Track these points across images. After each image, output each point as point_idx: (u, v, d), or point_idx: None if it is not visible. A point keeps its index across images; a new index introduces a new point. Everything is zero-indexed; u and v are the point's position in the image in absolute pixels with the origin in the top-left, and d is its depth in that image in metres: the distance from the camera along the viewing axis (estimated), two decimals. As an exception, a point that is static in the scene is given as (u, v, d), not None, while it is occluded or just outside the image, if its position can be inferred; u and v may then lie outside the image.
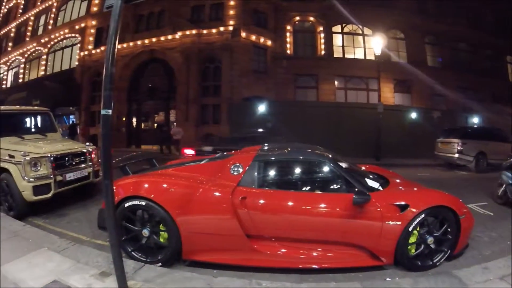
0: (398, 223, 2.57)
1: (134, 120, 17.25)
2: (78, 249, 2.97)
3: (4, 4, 25.97)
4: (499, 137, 9.43)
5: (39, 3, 22.05)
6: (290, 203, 2.73)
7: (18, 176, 4.19)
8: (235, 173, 2.89)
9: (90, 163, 5.09)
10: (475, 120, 13.74)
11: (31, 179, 4.20)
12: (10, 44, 23.82)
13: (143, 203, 2.75)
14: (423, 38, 16.65)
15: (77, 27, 18.50)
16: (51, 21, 20.48)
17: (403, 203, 2.62)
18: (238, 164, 2.94)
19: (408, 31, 16.25)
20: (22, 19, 23.14)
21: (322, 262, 2.69)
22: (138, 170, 3.72)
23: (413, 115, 12.59)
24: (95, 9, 18.06)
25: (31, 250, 2.89)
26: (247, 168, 2.90)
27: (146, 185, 2.89)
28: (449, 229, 2.76)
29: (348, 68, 15.27)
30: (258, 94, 13.88)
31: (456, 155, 8.95)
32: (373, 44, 12.65)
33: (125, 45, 15.84)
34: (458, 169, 9.26)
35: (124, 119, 16.61)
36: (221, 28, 14.19)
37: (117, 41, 2.09)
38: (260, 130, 8.66)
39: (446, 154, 9.42)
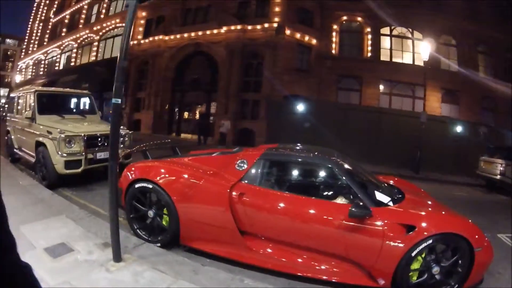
0: (401, 245, 2.31)
1: (176, 109, 17.88)
2: (92, 220, 3.25)
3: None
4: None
5: (92, -7, 23.47)
6: (285, 205, 2.65)
7: (53, 151, 4.61)
8: (239, 169, 2.92)
9: (122, 145, 5.36)
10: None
11: (64, 155, 4.59)
12: (64, 29, 25.61)
13: (150, 186, 2.96)
14: (476, 46, 15.68)
15: (127, 17, 19.47)
16: (103, 11, 21.74)
17: (410, 224, 2.36)
18: (243, 160, 2.97)
19: (461, 38, 15.37)
20: (76, 7, 24.74)
21: (315, 272, 2.55)
22: (163, 156, 3.88)
23: (459, 128, 11.80)
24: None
25: (50, 216, 3.23)
26: (251, 165, 2.91)
27: (155, 170, 3.07)
28: (460, 261, 2.42)
29: (394, 73, 14.67)
30: (299, 93, 13.77)
31: (498, 176, 8.14)
32: (422, 49, 12.09)
33: (172, 37, 16.48)
34: (500, 192, 8.34)
35: (167, 107, 17.30)
36: (266, 25, 14.27)
37: (130, 38, 2.23)
38: None
39: (488, 175, 8.62)
